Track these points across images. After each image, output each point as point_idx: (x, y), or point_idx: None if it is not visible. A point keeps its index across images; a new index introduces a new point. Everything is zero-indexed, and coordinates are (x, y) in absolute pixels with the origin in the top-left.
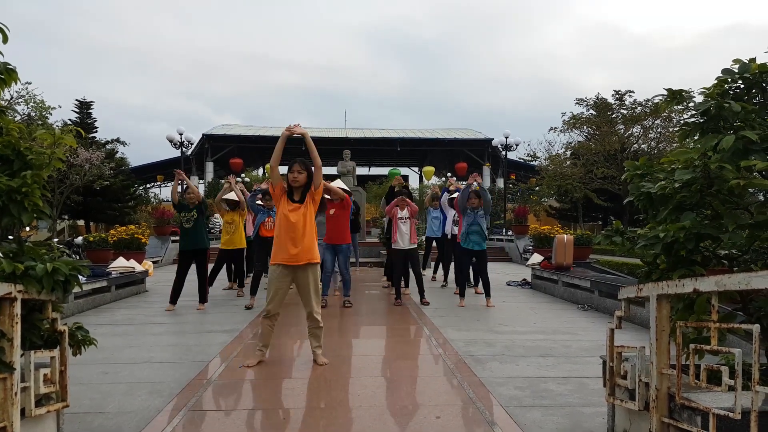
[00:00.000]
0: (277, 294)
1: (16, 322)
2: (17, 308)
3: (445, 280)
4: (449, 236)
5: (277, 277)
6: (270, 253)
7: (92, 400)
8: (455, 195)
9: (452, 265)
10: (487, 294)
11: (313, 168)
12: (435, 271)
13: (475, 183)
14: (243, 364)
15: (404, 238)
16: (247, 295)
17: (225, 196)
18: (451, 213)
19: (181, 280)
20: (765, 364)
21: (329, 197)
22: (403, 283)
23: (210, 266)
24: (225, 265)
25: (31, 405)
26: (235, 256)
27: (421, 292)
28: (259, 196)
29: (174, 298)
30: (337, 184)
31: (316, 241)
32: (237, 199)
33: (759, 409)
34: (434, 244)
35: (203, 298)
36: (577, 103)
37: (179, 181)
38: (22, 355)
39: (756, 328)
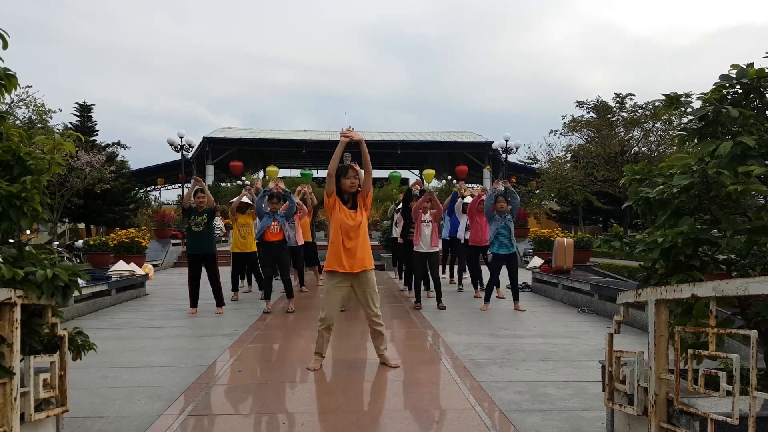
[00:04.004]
0: (334, 302)
1: (16, 327)
2: (17, 313)
3: (460, 283)
4: (462, 241)
5: (335, 284)
6: (277, 257)
7: (92, 405)
8: (468, 200)
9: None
10: (516, 298)
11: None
12: (451, 275)
13: (501, 187)
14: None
15: (426, 240)
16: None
17: (236, 199)
18: (464, 218)
19: (196, 283)
20: (763, 369)
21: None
22: (423, 286)
23: (222, 269)
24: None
25: (31, 410)
26: (248, 258)
27: (439, 296)
28: (266, 199)
29: (194, 301)
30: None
31: (370, 247)
32: (250, 201)
33: (757, 414)
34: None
35: (220, 302)
36: (577, 106)
37: (196, 187)
38: (21, 360)
39: (754, 333)
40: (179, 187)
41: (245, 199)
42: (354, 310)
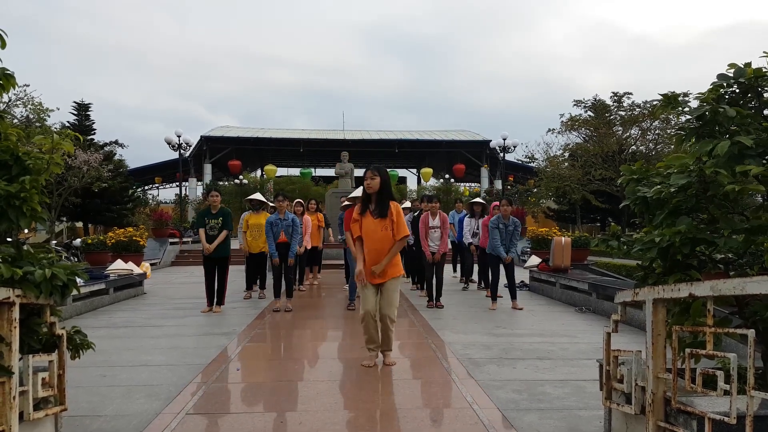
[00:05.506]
0: (370, 296)
1: (15, 327)
2: (16, 312)
3: (466, 282)
4: (466, 244)
5: (363, 285)
6: (285, 256)
7: (90, 403)
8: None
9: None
10: (513, 296)
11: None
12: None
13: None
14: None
15: (434, 243)
16: (269, 297)
17: (251, 197)
18: (467, 227)
19: (211, 283)
20: (761, 368)
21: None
22: (420, 284)
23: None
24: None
25: (29, 409)
26: (259, 259)
27: (438, 296)
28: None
29: (210, 300)
30: (358, 193)
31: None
32: (263, 200)
33: (754, 413)
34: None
35: (220, 300)
36: (575, 105)
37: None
38: (20, 359)
39: (751, 332)
40: (177, 185)
41: (255, 196)
42: (358, 310)
